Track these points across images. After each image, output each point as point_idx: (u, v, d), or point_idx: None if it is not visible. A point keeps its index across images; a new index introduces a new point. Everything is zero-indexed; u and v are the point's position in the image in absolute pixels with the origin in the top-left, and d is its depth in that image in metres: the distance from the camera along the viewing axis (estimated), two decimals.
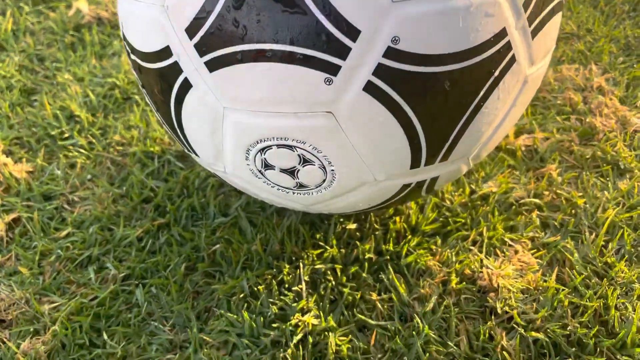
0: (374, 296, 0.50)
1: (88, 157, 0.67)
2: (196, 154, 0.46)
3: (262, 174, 0.42)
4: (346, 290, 0.50)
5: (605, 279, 0.51)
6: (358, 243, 0.54)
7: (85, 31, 0.89)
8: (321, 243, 0.55)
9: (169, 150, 0.67)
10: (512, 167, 0.63)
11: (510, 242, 0.54)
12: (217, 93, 0.37)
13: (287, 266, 0.52)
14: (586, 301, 0.49)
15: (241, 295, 0.51)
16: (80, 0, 0.90)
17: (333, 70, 0.34)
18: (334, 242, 0.55)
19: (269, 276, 0.52)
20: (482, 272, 0.51)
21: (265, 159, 0.40)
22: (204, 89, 0.38)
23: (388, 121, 0.36)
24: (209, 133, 0.41)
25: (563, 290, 0.50)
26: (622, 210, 0.57)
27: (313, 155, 0.39)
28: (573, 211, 0.58)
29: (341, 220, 0.57)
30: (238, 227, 0.57)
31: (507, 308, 0.49)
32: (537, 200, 0.58)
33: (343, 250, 0.54)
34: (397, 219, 0.57)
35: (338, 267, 0.52)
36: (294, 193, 0.44)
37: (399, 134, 0.37)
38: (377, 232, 0.56)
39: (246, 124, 0.38)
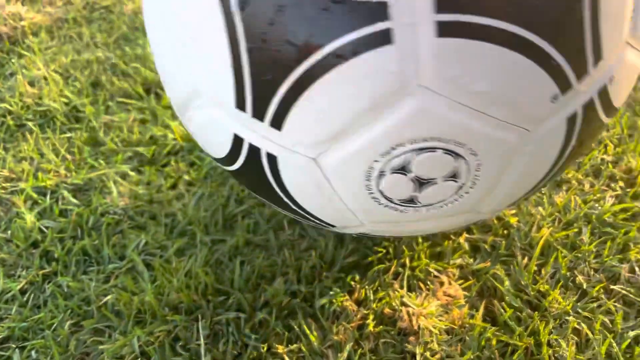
0: (280, 349, 0.44)
1: None
2: None
3: (382, 176, 0.32)
4: (251, 342, 0.45)
5: (537, 310, 0.46)
6: (266, 287, 0.48)
7: None
8: (225, 287, 0.48)
9: (63, 184, 0.59)
10: None
11: (436, 273, 0.49)
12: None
13: (184, 319, 0.46)
14: (516, 339, 0.44)
15: (130, 357, 0.44)
16: None
17: (565, 86, 0.29)
18: (243, 284, 0.49)
19: (162, 333, 0.45)
20: (402, 311, 0.46)
21: (414, 159, 0.31)
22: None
23: (554, 155, 0.34)
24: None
25: (491, 328, 0.45)
26: (558, 227, 0.52)
27: (468, 171, 0.32)
28: (505, 231, 0.52)
29: (251, 257, 0.51)
30: (133, 273, 0.50)
31: (428, 353, 0.43)
32: None
33: (250, 295, 0.48)
34: (313, 252, 0.51)
35: (243, 315, 0.46)
36: (385, 206, 0.34)
37: (544, 172, 0.35)
38: (290, 270, 0.50)
39: (440, 116, 0.29)
